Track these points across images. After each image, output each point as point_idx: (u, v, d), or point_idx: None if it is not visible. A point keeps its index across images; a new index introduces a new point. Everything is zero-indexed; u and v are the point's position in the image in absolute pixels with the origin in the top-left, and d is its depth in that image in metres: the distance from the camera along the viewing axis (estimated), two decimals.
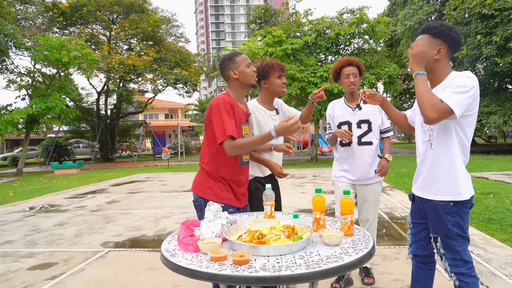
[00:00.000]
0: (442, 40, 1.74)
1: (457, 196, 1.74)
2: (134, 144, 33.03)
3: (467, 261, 1.77)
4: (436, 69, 1.78)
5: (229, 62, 2.09)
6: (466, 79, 1.66)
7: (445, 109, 1.61)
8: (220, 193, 2.05)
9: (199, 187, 2.10)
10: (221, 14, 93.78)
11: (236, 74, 2.08)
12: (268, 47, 13.14)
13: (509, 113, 14.82)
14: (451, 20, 16.70)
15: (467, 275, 1.75)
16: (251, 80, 2.10)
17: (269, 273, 1.22)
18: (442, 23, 1.76)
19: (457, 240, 1.76)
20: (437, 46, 1.75)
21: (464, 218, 1.77)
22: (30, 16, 18.60)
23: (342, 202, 1.64)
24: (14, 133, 15.34)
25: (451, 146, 1.74)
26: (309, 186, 8.34)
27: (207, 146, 2.08)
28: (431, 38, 1.76)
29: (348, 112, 2.72)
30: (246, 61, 2.10)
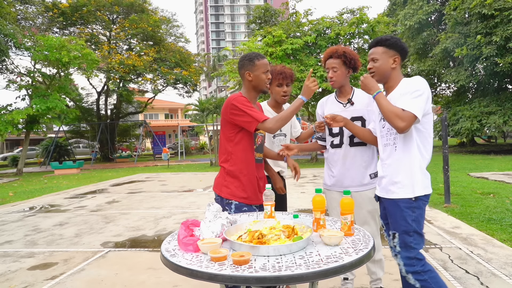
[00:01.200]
0: (395, 50, 1.91)
1: (417, 191, 1.84)
2: (134, 144, 33.03)
3: (419, 259, 1.82)
4: (392, 77, 1.94)
5: (248, 62, 2.12)
6: (418, 84, 1.82)
7: (409, 116, 1.76)
8: (235, 191, 2.11)
9: (217, 186, 2.19)
10: (221, 14, 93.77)
11: (250, 76, 2.11)
12: (268, 47, 13.14)
13: (509, 113, 14.82)
14: (451, 20, 16.71)
15: (422, 272, 1.81)
16: (263, 87, 2.14)
17: (269, 273, 1.22)
18: (392, 36, 1.95)
19: (414, 237, 1.82)
20: (392, 56, 1.92)
21: (423, 215, 1.87)
22: (30, 16, 18.60)
23: (342, 202, 1.64)
24: (14, 133, 15.34)
25: (412, 147, 1.86)
26: (309, 186, 8.34)
27: (224, 145, 2.15)
28: (386, 49, 1.92)
29: (339, 108, 2.39)
30: (265, 67, 2.12)
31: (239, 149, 2.10)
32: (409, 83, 1.86)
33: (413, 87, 1.81)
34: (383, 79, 1.95)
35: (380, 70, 1.92)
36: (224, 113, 2.10)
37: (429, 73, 19.53)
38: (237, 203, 2.11)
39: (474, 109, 15.98)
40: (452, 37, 16.22)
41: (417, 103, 1.77)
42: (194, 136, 40.94)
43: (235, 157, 2.11)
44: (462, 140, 18.65)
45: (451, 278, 2.82)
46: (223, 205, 2.11)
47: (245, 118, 2.00)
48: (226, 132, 2.13)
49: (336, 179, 2.43)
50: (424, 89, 1.80)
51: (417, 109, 1.76)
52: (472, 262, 3.14)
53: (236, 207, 2.10)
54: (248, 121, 2.00)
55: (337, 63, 2.29)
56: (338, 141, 2.39)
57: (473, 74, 16.38)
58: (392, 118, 1.78)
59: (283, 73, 2.43)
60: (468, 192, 6.51)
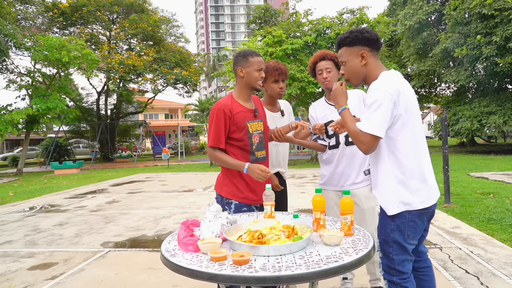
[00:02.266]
0: (360, 45, 1.70)
1: (391, 209, 1.67)
2: (134, 144, 33.03)
3: (401, 271, 1.68)
4: (368, 74, 1.72)
5: (242, 59, 2.11)
6: (374, 94, 1.60)
7: (367, 138, 1.58)
8: (236, 191, 2.12)
9: (218, 185, 2.21)
10: (221, 14, 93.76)
11: (242, 72, 2.10)
12: (268, 47, 13.14)
13: (509, 113, 14.82)
14: (451, 20, 16.70)
15: (399, 285, 1.68)
16: (255, 84, 2.12)
17: (269, 273, 1.22)
18: (351, 31, 1.73)
19: (393, 247, 1.68)
20: (358, 53, 1.71)
21: (408, 226, 1.65)
22: (30, 16, 18.60)
23: (342, 202, 1.64)
24: (14, 133, 15.34)
25: (381, 157, 1.69)
26: (309, 186, 8.34)
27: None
28: (349, 48, 1.72)
29: (330, 110, 2.46)
30: (258, 65, 2.10)
31: (235, 149, 2.11)
32: (369, 93, 1.64)
33: (370, 99, 1.61)
34: (360, 80, 1.75)
35: (351, 72, 1.74)
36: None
37: (429, 73, 19.53)
38: (237, 203, 2.11)
39: (474, 109, 15.98)
40: (452, 37, 16.22)
41: (374, 119, 1.57)
42: (194, 136, 40.94)
43: (233, 157, 2.11)
44: (462, 140, 18.64)
45: (451, 278, 2.82)
46: (223, 204, 2.12)
47: (208, 134, 2.15)
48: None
49: (333, 178, 2.47)
50: (383, 97, 1.57)
51: (374, 127, 1.56)
52: (472, 262, 3.13)
53: (236, 206, 2.11)
54: (208, 138, 2.17)
55: (330, 64, 2.39)
56: (334, 141, 2.44)
57: (473, 74, 16.38)
58: (355, 140, 1.63)
59: (278, 69, 2.40)
60: (468, 192, 6.51)
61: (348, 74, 1.76)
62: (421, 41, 19.09)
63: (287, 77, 2.51)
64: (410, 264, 1.72)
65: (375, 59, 1.73)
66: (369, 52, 1.71)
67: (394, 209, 1.66)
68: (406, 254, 1.69)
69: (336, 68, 2.40)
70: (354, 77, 1.76)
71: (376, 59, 1.73)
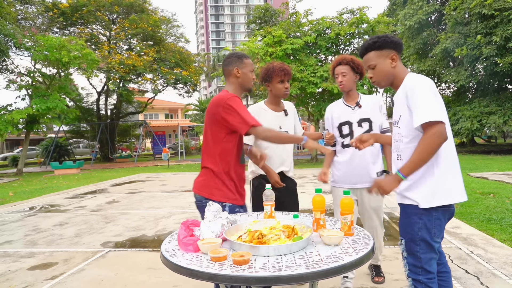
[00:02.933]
0: (389, 49, 1.78)
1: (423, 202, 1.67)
2: (134, 144, 33.02)
3: (428, 271, 1.69)
4: (396, 75, 1.80)
5: (238, 59, 2.15)
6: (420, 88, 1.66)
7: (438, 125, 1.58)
8: (228, 193, 2.07)
9: (204, 188, 2.07)
10: (221, 14, 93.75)
11: (239, 72, 2.13)
12: (268, 47, 13.14)
13: (509, 113, 14.82)
14: (451, 20, 16.71)
15: (425, 285, 1.69)
16: (249, 84, 2.17)
17: (269, 273, 1.23)
18: (379, 36, 1.80)
19: (420, 246, 1.69)
20: (388, 56, 1.78)
21: (434, 224, 1.68)
22: (30, 16, 18.59)
23: (342, 202, 1.64)
24: (14, 133, 15.35)
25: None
26: (309, 186, 8.34)
27: (212, 146, 2.06)
28: (379, 52, 1.79)
29: (348, 111, 2.60)
30: (251, 66, 2.18)
31: (229, 150, 2.05)
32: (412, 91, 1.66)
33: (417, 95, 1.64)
34: (389, 82, 1.82)
35: (381, 75, 1.80)
36: (214, 112, 2.02)
37: (429, 73, 19.53)
38: (231, 205, 2.06)
39: (474, 109, 15.99)
40: (452, 37, 16.22)
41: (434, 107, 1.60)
42: (194, 136, 40.93)
43: (225, 158, 2.05)
44: (462, 140, 18.64)
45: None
46: None
47: (238, 119, 1.95)
48: (214, 132, 2.04)
49: (345, 176, 2.61)
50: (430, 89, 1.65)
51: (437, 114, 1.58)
52: (472, 262, 3.13)
53: (230, 209, 2.06)
54: (240, 122, 1.95)
55: (346, 68, 2.53)
56: (349, 141, 2.56)
57: (473, 74, 16.38)
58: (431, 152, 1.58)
59: (284, 70, 2.50)
60: (468, 192, 6.51)
61: (377, 77, 1.82)
62: (421, 41, 19.10)
63: (291, 78, 2.59)
64: (435, 263, 1.73)
65: (401, 62, 1.82)
66: (397, 56, 1.80)
67: (428, 203, 1.66)
68: (433, 253, 1.71)
69: (352, 72, 2.54)
70: (384, 79, 1.82)
71: (401, 62, 1.82)
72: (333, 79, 2.77)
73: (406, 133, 1.72)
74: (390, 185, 1.66)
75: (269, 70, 2.52)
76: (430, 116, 1.56)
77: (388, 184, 1.66)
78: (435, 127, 1.56)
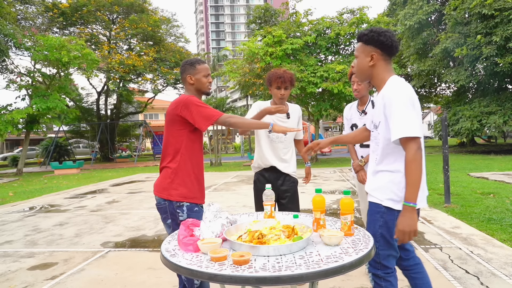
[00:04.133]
0: (373, 46, 1.73)
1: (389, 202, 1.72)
2: (134, 144, 33.02)
3: (386, 266, 1.77)
4: (375, 75, 1.77)
5: (189, 67, 2.19)
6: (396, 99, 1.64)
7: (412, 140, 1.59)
8: (187, 192, 2.05)
9: (163, 190, 2.05)
10: (221, 14, 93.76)
11: (192, 79, 2.17)
12: (268, 47, 13.14)
13: (509, 113, 14.82)
14: (451, 20, 16.71)
15: (383, 279, 1.77)
16: (205, 89, 2.21)
17: (269, 273, 1.22)
18: (372, 29, 1.74)
19: (380, 242, 1.74)
20: (369, 53, 1.74)
21: (395, 224, 1.68)
22: (30, 16, 18.60)
23: (342, 202, 1.64)
24: (14, 133, 15.35)
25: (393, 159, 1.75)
26: (309, 186, 8.33)
27: (172, 145, 2.07)
28: (364, 45, 1.76)
29: (357, 116, 2.86)
30: (205, 71, 2.20)
31: (189, 149, 2.06)
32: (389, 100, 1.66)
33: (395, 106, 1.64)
34: (365, 78, 1.82)
35: (358, 68, 1.80)
36: (175, 110, 2.04)
37: (429, 73, 19.53)
38: (189, 204, 2.05)
39: (474, 109, 15.98)
40: (452, 37, 16.22)
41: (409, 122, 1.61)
42: None
43: (185, 157, 2.06)
44: (462, 140, 18.66)
45: (451, 278, 2.82)
46: (173, 208, 2.03)
47: (199, 116, 1.98)
48: (175, 132, 2.06)
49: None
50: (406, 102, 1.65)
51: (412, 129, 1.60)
52: (472, 262, 3.13)
53: (188, 208, 2.04)
54: (202, 118, 1.97)
55: None
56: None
57: (473, 74, 16.38)
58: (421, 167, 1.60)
59: (282, 77, 2.60)
60: (468, 192, 6.51)
61: (356, 69, 1.83)
62: (421, 41, 19.10)
63: (292, 85, 2.66)
64: (394, 260, 1.81)
65: (386, 63, 1.75)
66: (380, 56, 1.73)
67: (393, 205, 1.70)
68: (391, 250, 1.77)
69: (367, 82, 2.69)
70: (360, 74, 1.82)
71: (386, 63, 1.75)
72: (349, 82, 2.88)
73: (382, 139, 1.74)
74: (410, 222, 1.58)
75: (270, 75, 2.67)
76: (407, 132, 1.57)
77: (408, 224, 1.58)
78: (413, 143, 1.58)
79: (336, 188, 7.83)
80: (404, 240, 1.61)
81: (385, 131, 1.70)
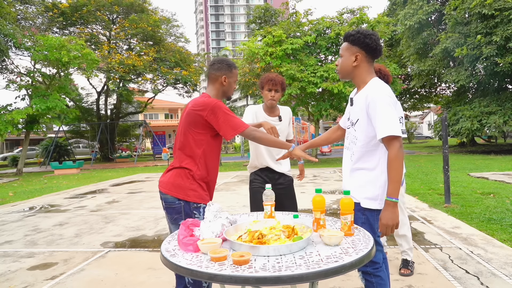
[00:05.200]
0: (359, 47, 1.78)
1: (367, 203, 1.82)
2: (134, 144, 33.03)
3: (374, 261, 1.81)
4: (357, 75, 1.83)
5: (228, 68, 2.15)
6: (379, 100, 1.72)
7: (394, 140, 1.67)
8: (203, 194, 2.05)
9: (179, 190, 2.00)
10: (221, 14, 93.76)
11: (225, 81, 2.15)
12: (268, 47, 13.14)
13: (509, 113, 14.82)
14: (451, 20, 16.70)
15: (372, 275, 1.82)
16: (231, 93, 2.23)
17: (269, 273, 1.22)
18: (359, 31, 1.79)
19: None
20: (354, 53, 1.80)
21: (376, 220, 1.81)
22: (30, 16, 18.60)
23: (342, 202, 1.64)
24: (14, 133, 15.35)
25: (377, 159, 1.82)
26: (309, 186, 8.34)
27: (191, 147, 2.01)
28: (349, 45, 1.82)
29: None
30: (236, 77, 2.25)
31: (208, 153, 2.04)
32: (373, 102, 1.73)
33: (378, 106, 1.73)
34: (347, 77, 1.88)
35: (342, 67, 1.85)
36: (200, 112, 1.97)
37: (429, 73, 19.52)
38: (204, 206, 2.02)
39: (474, 109, 15.98)
40: (452, 37, 16.22)
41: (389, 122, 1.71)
42: None
43: (202, 161, 2.03)
44: (462, 140, 18.65)
45: (451, 278, 2.82)
46: (189, 209, 2.00)
47: (226, 125, 1.96)
48: (196, 133, 2.01)
49: None
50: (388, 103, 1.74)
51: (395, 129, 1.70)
52: (472, 262, 3.13)
53: (204, 210, 2.02)
54: (230, 127, 1.95)
55: None
56: None
57: (473, 74, 16.38)
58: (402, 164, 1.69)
59: (273, 80, 2.66)
60: (468, 192, 6.51)
61: (339, 67, 1.87)
62: (421, 41, 19.09)
63: (283, 89, 2.72)
64: (380, 255, 1.86)
65: (369, 65, 1.82)
66: (364, 57, 1.80)
67: (371, 205, 1.80)
68: (377, 245, 1.81)
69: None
70: (343, 72, 1.87)
71: (369, 65, 1.82)
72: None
73: (361, 137, 1.81)
74: (392, 216, 1.68)
75: (262, 78, 2.73)
76: (391, 131, 1.66)
77: (391, 218, 1.68)
78: (396, 141, 1.67)
79: (336, 188, 7.83)
80: (387, 233, 1.70)
81: (366, 129, 1.78)
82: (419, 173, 9.70)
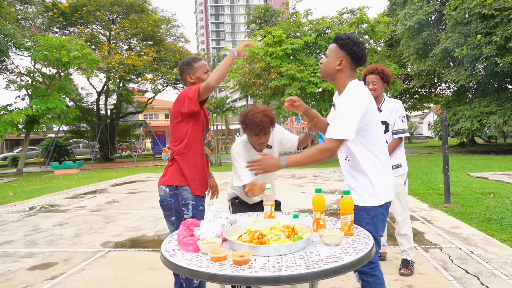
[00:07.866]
0: (346, 53, 1.81)
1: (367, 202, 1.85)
2: (134, 144, 33.02)
3: (371, 262, 1.81)
4: (339, 78, 1.86)
5: (187, 67, 2.18)
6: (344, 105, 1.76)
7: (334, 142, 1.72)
8: (190, 180, 2.14)
9: (164, 177, 2.20)
10: (221, 14, 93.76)
11: (192, 79, 2.17)
12: (268, 47, 13.14)
13: (509, 113, 14.82)
14: (451, 20, 16.70)
15: (369, 274, 1.83)
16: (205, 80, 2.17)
17: (269, 273, 1.22)
18: (349, 36, 1.81)
19: None
20: (339, 58, 1.82)
21: (379, 219, 1.86)
22: (30, 16, 18.59)
23: (342, 202, 1.64)
24: (14, 133, 15.35)
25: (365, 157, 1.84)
26: (309, 186, 8.34)
27: (178, 138, 2.13)
28: (337, 48, 1.84)
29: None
30: (203, 68, 2.19)
31: (192, 141, 2.11)
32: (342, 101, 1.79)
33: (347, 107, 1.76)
34: (327, 77, 1.90)
35: (326, 67, 1.87)
36: (175, 108, 2.10)
37: (429, 73, 19.52)
38: (194, 203, 2.16)
39: (474, 109, 15.98)
40: (452, 37, 16.22)
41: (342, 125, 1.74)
42: None
43: (188, 149, 2.12)
44: (462, 140, 18.64)
45: (451, 278, 2.82)
46: (178, 206, 2.13)
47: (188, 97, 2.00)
48: (178, 126, 2.13)
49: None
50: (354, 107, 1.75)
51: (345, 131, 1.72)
52: (472, 262, 3.13)
53: (193, 207, 2.16)
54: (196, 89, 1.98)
55: (376, 78, 2.85)
56: (384, 127, 2.84)
57: (473, 74, 16.37)
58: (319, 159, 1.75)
59: (260, 125, 2.17)
60: (468, 192, 6.51)
61: (323, 66, 1.89)
62: (421, 41, 19.09)
63: (269, 131, 2.27)
64: (377, 255, 1.90)
65: (351, 71, 1.86)
66: (348, 63, 1.83)
67: (374, 201, 1.83)
68: (376, 246, 1.82)
69: (381, 81, 2.85)
70: (325, 72, 1.89)
71: (352, 71, 1.86)
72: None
73: (350, 141, 1.85)
74: (270, 168, 1.78)
75: (245, 119, 2.22)
76: (335, 134, 1.72)
77: (268, 166, 1.79)
78: (331, 144, 1.72)
79: (336, 188, 7.82)
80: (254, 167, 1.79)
81: None
82: (419, 173, 9.70)
